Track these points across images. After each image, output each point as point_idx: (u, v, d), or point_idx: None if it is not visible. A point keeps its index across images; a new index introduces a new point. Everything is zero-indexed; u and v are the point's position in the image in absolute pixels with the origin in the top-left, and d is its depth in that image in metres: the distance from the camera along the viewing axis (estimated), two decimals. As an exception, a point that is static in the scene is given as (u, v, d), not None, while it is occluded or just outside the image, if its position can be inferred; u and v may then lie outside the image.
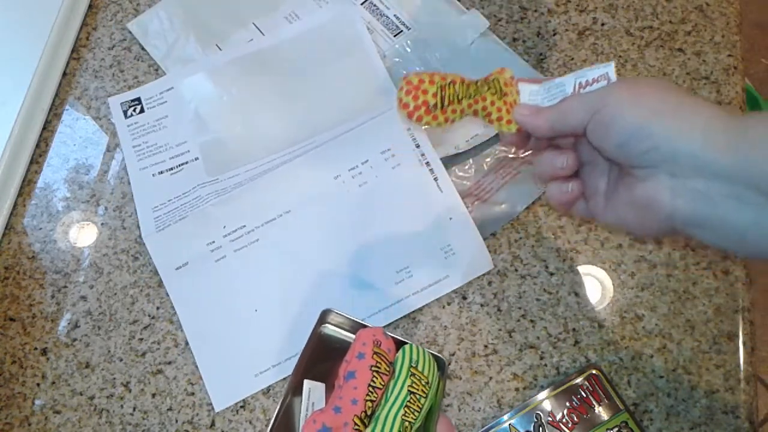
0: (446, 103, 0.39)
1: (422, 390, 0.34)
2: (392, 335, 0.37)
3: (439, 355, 0.37)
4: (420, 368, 0.35)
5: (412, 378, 0.34)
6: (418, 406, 0.33)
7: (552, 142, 0.40)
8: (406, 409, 0.33)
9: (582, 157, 0.39)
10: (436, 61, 0.53)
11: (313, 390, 0.37)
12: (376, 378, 0.34)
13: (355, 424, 0.32)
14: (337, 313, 0.39)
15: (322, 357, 0.38)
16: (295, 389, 0.37)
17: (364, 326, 0.38)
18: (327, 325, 0.40)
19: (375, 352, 0.34)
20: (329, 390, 0.37)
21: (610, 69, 0.38)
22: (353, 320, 0.39)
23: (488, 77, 0.41)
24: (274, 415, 0.36)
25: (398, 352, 0.36)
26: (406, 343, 0.36)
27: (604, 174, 0.38)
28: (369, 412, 0.33)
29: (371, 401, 0.33)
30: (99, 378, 0.47)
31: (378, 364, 0.34)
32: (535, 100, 0.40)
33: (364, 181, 0.49)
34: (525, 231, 0.49)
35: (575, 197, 0.39)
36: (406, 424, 0.32)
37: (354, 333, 0.38)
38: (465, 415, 0.45)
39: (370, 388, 0.33)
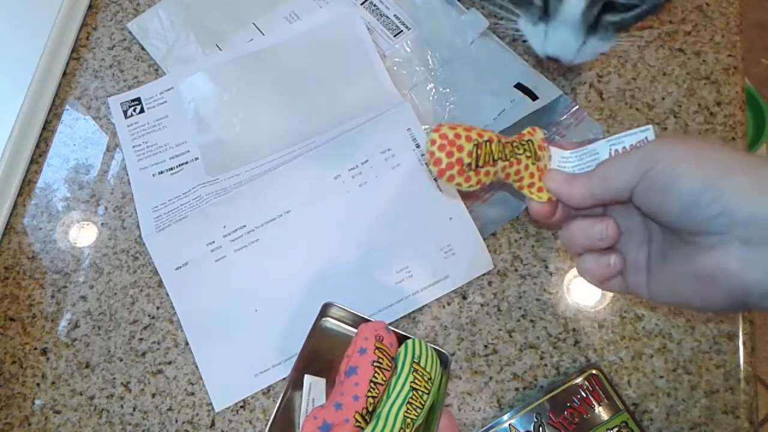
0: (481, 163, 0.35)
1: (424, 386, 0.34)
2: (394, 329, 0.36)
3: (441, 350, 0.36)
4: (422, 364, 0.34)
5: (414, 374, 0.34)
6: (420, 402, 0.33)
7: (581, 211, 0.36)
8: (408, 405, 0.33)
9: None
10: (436, 61, 0.53)
11: (313, 385, 0.37)
12: (378, 374, 0.33)
13: (356, 420, 0.32)
14: (338, 306, 0.39)
15: (322, 351, 0.38)
16: (296, 384, 0.37)
17: (366, 320, 0.37)
18: (328, 318, 0.39)
19: (377, 347, 0.34)
20: (330, 385, 0.37)
21: (649, 133, 0.34)
22: (355, 314, 0.38)
23: (521, 137, 0.38)
24: (275, 410, 0.36)
25: (400, 347, 0.35)
26: (409, 337, 0.36)
27: (644, 244, 0.34)
28: (370, 409, 0.33)
29: (373, 397, 0.33)
30: (99, 378, 0.47)
31: (380, 360, 0.34)
32: (565, 167, 0.37)
33: (364, 181, 0.49)
34: (525, 231, 0.49)
35: (616, 272, 0.34)
36: (408, 420, 0.32)
37: (356, 327, 0.38)
38: (465, 415, 0.45)
39: (372, 384, 0.33)
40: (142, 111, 0.54)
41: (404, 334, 0.37)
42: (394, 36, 0.55)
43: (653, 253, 0.33)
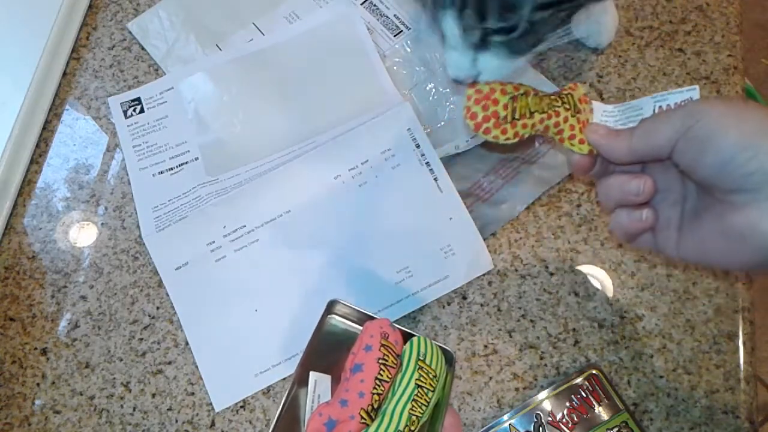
0: (517, 116, 0.36)
1: (430, 383, 0.34)
2: (400, 327, 0.36)
3: (446, 348, 0.36)
4: (428, 361, 0.34)
5: (419, 371, 0.34)
6: (425, 399, 0.33)
7: (619, 167, 0.37)
8: (413, 402, 0.33)
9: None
10: (436, 61, 0.53)
11: (319, 382, 0.37)
12: (384, 371, 0.33)
13: (362, 417, 0.32)
14: (343, 304, 0.39)
15: (328, 348, 0.38)
16: (301, 381, 0.37)
17: (371, 318, 0.37)
18: (333, 316, 0.39)
19: (382, 345, 0.34)
20: (335, 382, 0.37)
21: (694, 93, 0.34)
22: (360, 311, 0.38)
23: (561, 91, 0.38)
24: (280, 407, 0.36)
25: (406, 344, 0.35)
26: (414, 335, 0.36)
27: (678, 203, 0.35)
28: (376, 406, 0.33)
29: (378, 394, 0.33)
30: (99, 378, 0.47)
31: (385, 357, 0.34)
32: (607, 121, 0.37)
33: (364, 181, 0.49)
34: (525, 231, 0.49)
35: (647, 227, 0.35)
36: (414, 417, 0.32)
37: (361, 325, 0.38)
38: (465, 415, 0.45)
39: (377, 381, 0.33)
40: (142, 111, 0.54)
41: (409, 331, 0.37)
42: (394, 36, 0.55)
43: (686, 213, 0.34)
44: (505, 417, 0.43)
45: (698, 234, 0.33)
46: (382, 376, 0.33)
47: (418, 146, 0.50)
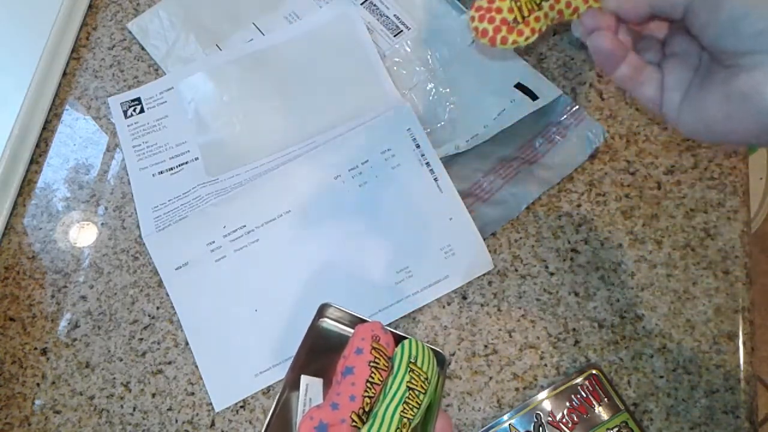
0: (526, 13, 0.36)
1: (421, 386, 0.34)
2: (391, 330, 0.36)
3: (438, 350, 0.36)
4: (419, 364, 0.34)
5: (411, 374, 0.34)
6: (417, 402, 0.33)
7: (641, 29, 0.37)
8: (404, 405, 0.33)
9: (670, 48, 0.36)
10: (436, 61, 0.53)
11: (310, 386, 0.37)
12: (375, 374, 0.33)
13: (353, 420, 0.32)
14: (335, 307, 0.39)
15: (319, 352, 0.38)
16: (292, 385, 0.37)
17: (363, 321, 0.37)
18: (325, 319, 0.39)
19: (373, 348, 0.34)
20: (327, 385, 0.37)
21: None
22: (352, 315, 0.39)
23: None
24: (271, 411, 0.36)
25: (397, 347, 0.35)
26: (406, 337, 0.36)
27: (691, 69, 0.35)
28: (367, 409, 0.33)
29: (369, 397, 0.33)
30: (99, 378, 0.47)
31: (376, 360, 0.34)
32: None
33: (364, 181, 0.49)
34: (525, 231, 0.49)
35: (624, 48, 0.35)
36: (405, 420, 0.32)
37: (352, 328, 0.38)
38: (465, 415, 0.45)
39: (368, 384, 0.33)
40: (142, 111, 0.54)
41: (401, 334, 0.37)
42: (394, 36, 0.55)
43: (695, 79, 0.35)
44: (505, 417, 0.43)
45: (701, 100, 0.33)
46: (373, 379, 0.33)
47: (418, 146, 0.50)
